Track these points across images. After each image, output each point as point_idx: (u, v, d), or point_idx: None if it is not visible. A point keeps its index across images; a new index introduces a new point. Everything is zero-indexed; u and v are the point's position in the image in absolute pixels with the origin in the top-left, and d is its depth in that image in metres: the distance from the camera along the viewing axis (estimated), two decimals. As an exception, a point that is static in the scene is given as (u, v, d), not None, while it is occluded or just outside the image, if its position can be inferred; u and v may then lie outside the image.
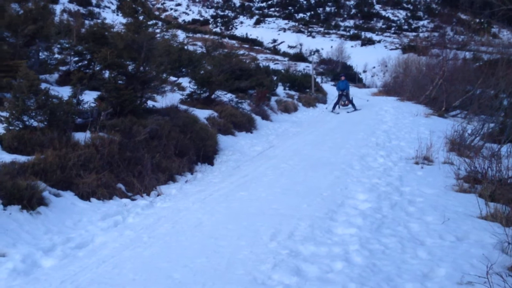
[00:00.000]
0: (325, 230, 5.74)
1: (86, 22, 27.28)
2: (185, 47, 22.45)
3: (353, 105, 22.08)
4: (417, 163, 9.52)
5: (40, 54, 12.45)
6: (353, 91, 43.69)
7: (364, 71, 73.03)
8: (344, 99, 22.72)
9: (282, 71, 37.97)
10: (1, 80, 8.77)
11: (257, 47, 78.51)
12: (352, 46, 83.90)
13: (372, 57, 73.70)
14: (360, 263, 4.66)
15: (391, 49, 79.17)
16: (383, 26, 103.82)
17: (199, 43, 39.53)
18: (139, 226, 6.36)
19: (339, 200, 7.05)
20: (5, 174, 6.31)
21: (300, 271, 4.54)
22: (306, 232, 5.66)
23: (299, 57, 72.18)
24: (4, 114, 7.90)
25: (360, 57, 74.80)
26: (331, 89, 38.22)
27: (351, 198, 7.20)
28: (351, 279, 4.24)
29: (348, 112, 21.36)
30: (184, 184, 9.00)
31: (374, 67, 73.81)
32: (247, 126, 14.91)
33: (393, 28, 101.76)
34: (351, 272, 4.41)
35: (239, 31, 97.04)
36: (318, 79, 46.40)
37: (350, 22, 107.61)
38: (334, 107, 22.57)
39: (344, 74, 25.35)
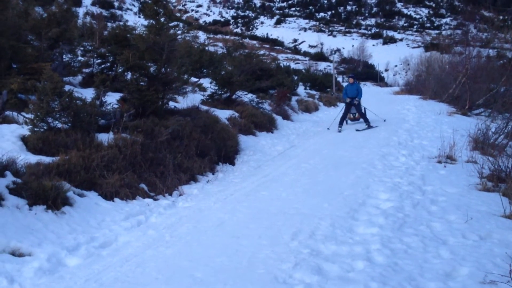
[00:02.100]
0: (346, 229, 5.73)
1: (109, 24, 27.63)
2: (206, 48, 22.57)
3: (366, 120, 15.64)
4: (439, 162, 9.42)
5: (64, 56, 12.69)
6: (375, 90, 43.33)
7: (386, 70, 72.42)
8: (354, 111, 16.41)
9: (303, 70, 37.92)
10: (26, 82, 8.95)
11: (277, 47, 78.43)
12: (373, 45, 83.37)
13: (394, 56, 73.09)
14: (382, 262, 4.64)
15: (413, 48, 78.37)
16: (405, 24, 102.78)
17: (220, 44, 39.70)
18: (161, 225, 6.43)
19: (360, 200, 7.02)
20: (30, 174, 6.45)
21: (321, 270, 4.55)
22: (327, 232, 5.66)
23: (320, 56, 71.84)
24: (29, 116, 8.07)
25: (382, 56, 74.23)
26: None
27: (372, 197, 7.16)
28: (372, 278, 4.22)
29: (357, 130, 15.02)
30: (205, 184, 9.06)
31: (396, 66, 73.18)
32: (268, 126, 14.92)
33: (415, 26, 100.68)
34: (372, 272, 4.39)
35: (260, 31, 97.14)
36: (339, 79, 46.16)
37: (372, 21, 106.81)
38: (341, 122, 15.97)
39: (353, 75, 17.42)
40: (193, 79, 16.83)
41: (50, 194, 6.12)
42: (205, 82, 17.65)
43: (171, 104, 11.81)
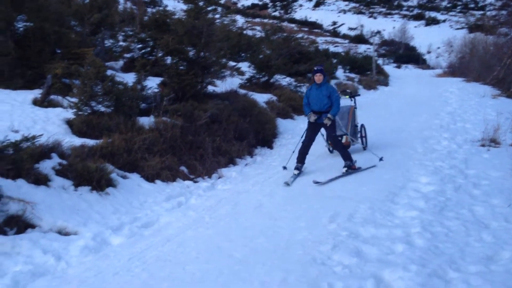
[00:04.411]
0: (385, 212, 5.70)
1: (149, 9, 27.94)
2: (244, 32, 22.55)
3: (347, 157, 8.05)
4: (483, 145, 9.20)
5: (106, 42, 12.92)
6: (416, 73, 42.33)
7: (429, 52, 70.55)
8: (329, 135, 8.44)
9: (342, 53, 37.38)
10: (70, 67, 9.19)
11: (316, 30, 77.27)
12: (415, 27, 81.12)
13: (437, 37, 71.06)
14: (422, 245, 4.59)
15: (457, 29, 75.95)
16: (448, 5, 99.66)
17: (258, 28, 39.56)
18: (201, 207, 6.56)
19: (400, 183, 6.94)
20: (75, 156, 6.66)
21: (360, 252, 4.55)
22: (366, 215, 5.64)
23: (360, 39, 70.42)
24: (74, 99, 8.30)
25: (424, 38, 72.26)
26: (393, 71, 37.25)
27: (413, 181, 7.07)
28: (412, 261, 4.20)
29: (318, 183, 7.31)
30: (244, 167, 9.14)
31: (438, 48, 71.16)
32: (306, 109, 14.84)
33: (458, 7, 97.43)
34: (412, 254, 4.36)
35: (298, 14, 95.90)
36: (380, 61, 45.36)
37: (414, 2, 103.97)
38: (300, 159, 8.24)
39: (322, 68, 8.25)
40: (231, 63, 16.89)
41: (94, 175, 6.33)
42: (243, 66, 17.67)
43: (210, 88, 11.91)
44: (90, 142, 7.39)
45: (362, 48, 59.66)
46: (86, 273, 4.51)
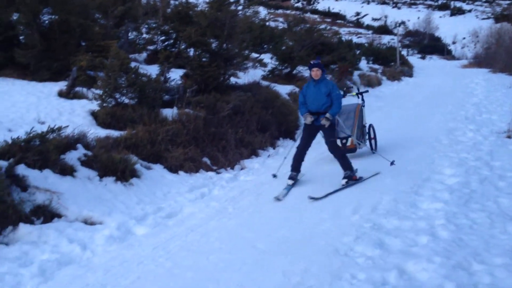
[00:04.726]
0: (409, 204, 5.64)
1: (171, 2, 28.06)
2: (267, 24, 22.48)
3: (347, 166, 6.79)
4: (509, 137, 9.05)
5: (129, 34, 13.02)
6: (441, 64, 41.67)
7: (454, 43, 69.39)
8: (327, 139, 7.17)
9: (365, 44, 37.00)
10: (94, 59, 9.30)
11: (339, 21, 76.53)
12: (440, 17, 79.82)
13: (462, 28, 69.86)
14: (446, 237, 4.54)
15: (483, 19, 74.53)
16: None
17: (281, 19, 39.35)
18: (224, 198, 6.59)
19: (424, 175, 6.86)
20: (100, 148, 6.76)
21: (383, 244, 4.51)
22: (389, 206, 5.59)
23: (384, 29, 69.55)
24: (98, 91, 8.40)
25: (449, 28, 71.08)
26: (417, 62, 36.74)
27: (437, 172, 6.98)
28: (436, 253, 4.16)
29: (314, 199, 6.10)
30: (266, 158, 9.15)
31: (464, 38, 69.93)
32: (329, 101, 14.76)
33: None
34: (436, 246, 4.32)
35: (321, 5, 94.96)
36: (404, 52, 44.75)
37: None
38: (295, 167, 7.06)
39: (319, 61, 7.29)
40: (254, 55, 16.86)
41: (119, 166, 6.41)
42: (266, 57, 17.63)
43: (232, 79, 11.91)
44: (114, 133, 7.49)
45: (386, 39, 58.93)
46: (111, 262, 4.59)
